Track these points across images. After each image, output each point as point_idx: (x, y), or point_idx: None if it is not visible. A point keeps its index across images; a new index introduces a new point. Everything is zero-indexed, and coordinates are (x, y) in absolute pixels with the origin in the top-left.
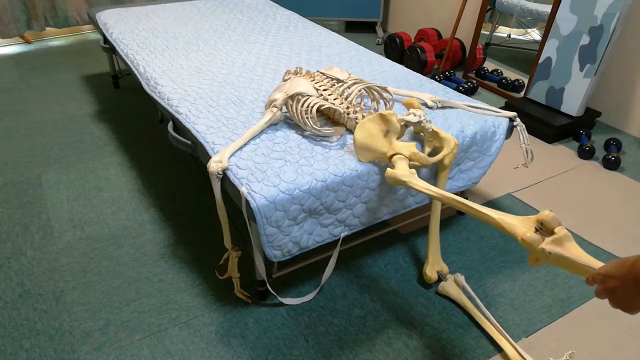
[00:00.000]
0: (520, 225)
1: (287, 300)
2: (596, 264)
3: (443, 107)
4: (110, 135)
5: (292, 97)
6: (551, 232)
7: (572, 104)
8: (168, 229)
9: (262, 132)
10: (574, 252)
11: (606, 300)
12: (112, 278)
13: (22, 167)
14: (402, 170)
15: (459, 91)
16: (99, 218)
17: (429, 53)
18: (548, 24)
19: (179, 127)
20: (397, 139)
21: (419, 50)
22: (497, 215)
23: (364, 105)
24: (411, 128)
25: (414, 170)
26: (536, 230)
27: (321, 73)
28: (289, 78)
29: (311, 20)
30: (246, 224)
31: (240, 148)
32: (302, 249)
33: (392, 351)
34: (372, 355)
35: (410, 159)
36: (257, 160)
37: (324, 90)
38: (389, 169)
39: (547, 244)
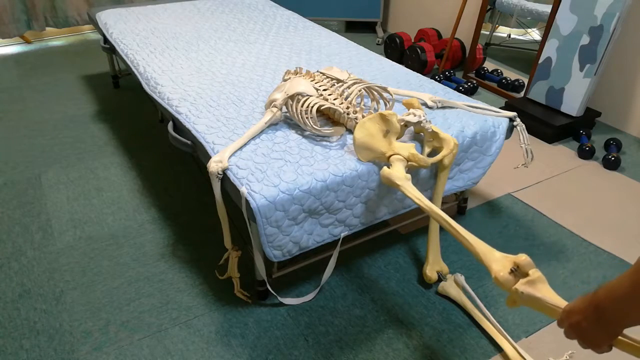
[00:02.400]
0: (497, 262)
1: (287, 300)
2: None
3: (443, 107)
4: (110, 135)
5: (292, 97)
6: (526, 275)
7: (572, 104)
8: (168, 229)
9: (262, 132)
10: (546, 293)
11: None
12: (112, 278)
13: (22, 167)
14: (397, 173)
15: (459, 91)
16: (99, 218)
17: (429, 53)
18: (548, 24)
19: (179, 127)
20: (397, 139)
21: (419, 50)
22: (477, 246)
23: (364, 105)
24: (411, 128)
25: (409, 176)
26: (511, 271)
27: (321, 73)
28: (289, 78)
29: (311, 20)
30: (246, 224)
31: (240, 148)
32: (302, 249)
33: (392, 351)
34: (372, 355)
35: (408, 160)
36: (257, 160)
37: (324, 90)
38: (384, 168)
39: (520, 285)
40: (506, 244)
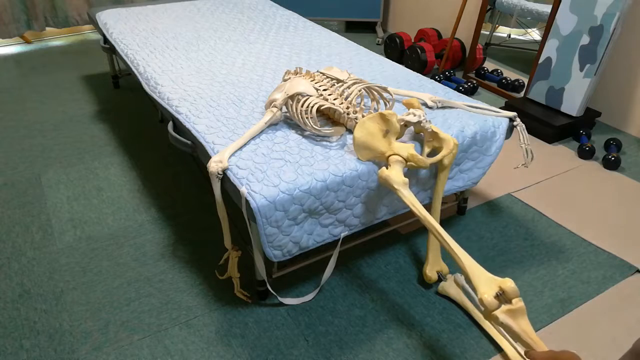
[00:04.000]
0: (484, 284)
1: (287, 300)
2: (539, 345)
3: (443, 107)
4: (110, 135)
5: (292, 97)
6: (509, 301)
7: (572, 104)
8: (168, 229)
9: (262, 132)
10: (523, 327)
11: (606, 301)
12: (112, 278)
13: (22, 167)
14: (396, 177)
15: (459, 91)
16: (99, 218)
17: (429, 53)
18: (548, 24)
19: (179, 127)
20: (397, 139)
21: (419, 50)
22: (467, 263)
23: (364, 105)
24: (411, 128)
25: (407, 180)
26: (497, 295)
27: (321, 73)
28: (289, 78)
29: (311, 20)
30: (246, 224)
31: (240, 148)
32: (302, 249)
33: (392, 351)
34: (372, 355)
35: (407, 161)
36: (257, 160)
37: (324, 90)
38: (383, 169)
39: (501, 313)
40: (506, 244)
